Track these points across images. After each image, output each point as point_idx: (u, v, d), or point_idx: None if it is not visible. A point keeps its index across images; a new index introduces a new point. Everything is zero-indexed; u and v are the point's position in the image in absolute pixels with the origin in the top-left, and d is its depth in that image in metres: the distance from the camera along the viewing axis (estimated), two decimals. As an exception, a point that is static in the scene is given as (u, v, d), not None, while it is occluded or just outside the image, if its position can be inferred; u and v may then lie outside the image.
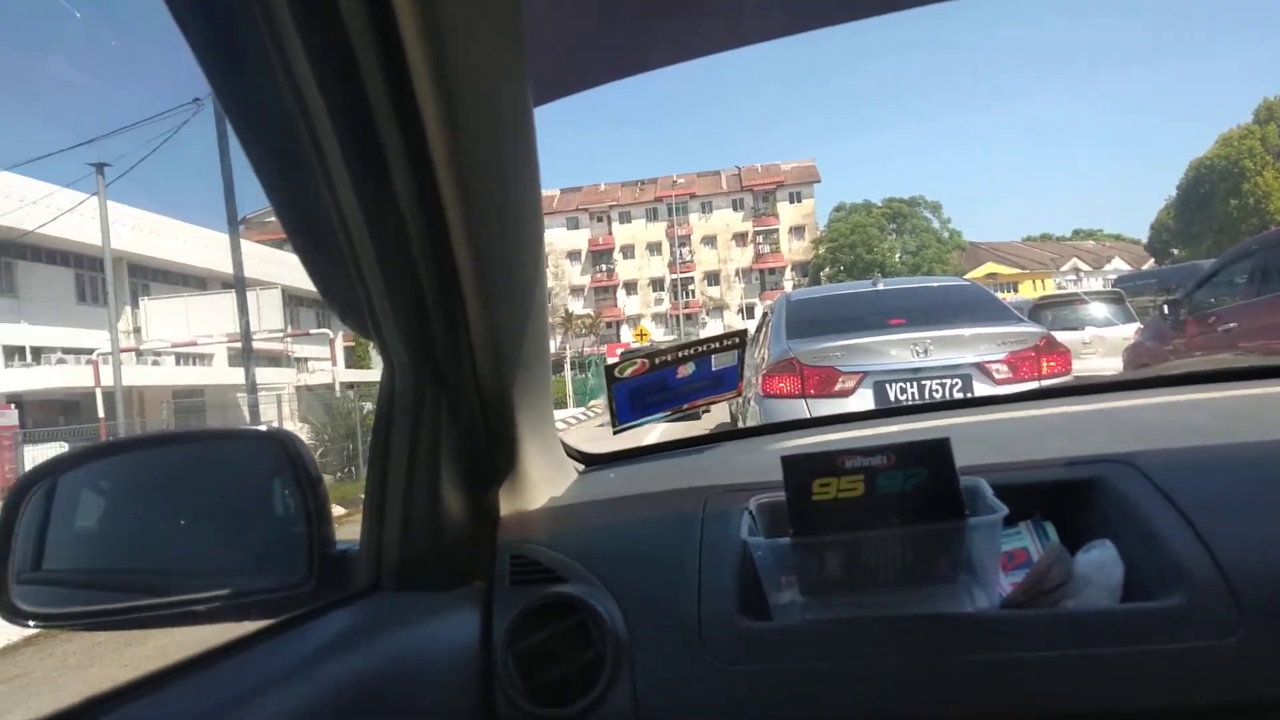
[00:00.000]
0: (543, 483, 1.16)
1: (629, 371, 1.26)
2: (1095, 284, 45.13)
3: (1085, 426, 1.23)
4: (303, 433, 13.59)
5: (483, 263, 0.86)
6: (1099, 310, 11.21)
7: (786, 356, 5.46)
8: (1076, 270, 55.49)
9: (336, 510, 1.11)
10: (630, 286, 62.57)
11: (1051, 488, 0.99)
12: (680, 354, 1.29)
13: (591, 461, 1.40)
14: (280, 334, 19.95)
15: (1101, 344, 10.28)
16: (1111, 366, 9.45)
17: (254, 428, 1.18)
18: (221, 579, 1.02)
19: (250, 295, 15.39)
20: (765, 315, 7.17)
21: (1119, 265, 55.88)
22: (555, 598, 0.95)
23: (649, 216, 62.33)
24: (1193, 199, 38.02)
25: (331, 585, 0.99)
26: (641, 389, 1.28)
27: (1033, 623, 0.83)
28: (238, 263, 13.93)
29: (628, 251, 62.53)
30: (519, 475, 1.10)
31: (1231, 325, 6.85)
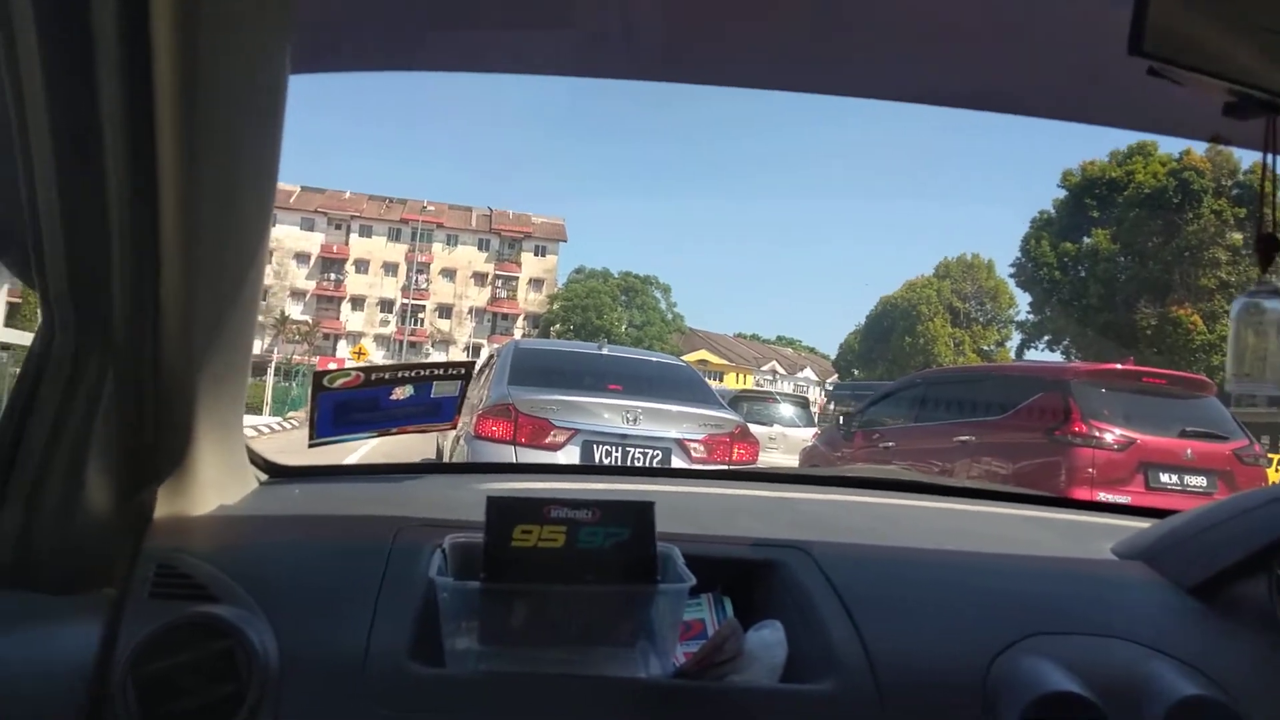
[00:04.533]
0: (213, 487, 1.03)
1: (340, 383, 1.17)
2: (787, 387, 49.86)
3: (771, 512, 1.31)
4: (-72, 390, 11.38)
5: (194, 224, 0.76)
6: (787, 411, 12.36)
7: (504, 401, 5.51)
8: (774, 371, 60.95)
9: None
10: (357, 302, 59.82)
11: (735, 564, 1.03)
12: (400, 375, 1.22)
13: (278, 473, 1.27)
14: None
15: (784, 441, 11.29)
16: (790, 462, 10.39)
17: None
18: None
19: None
20: (491, 357, 7.18)
21: (809, 374, 62.23)
22: (200, 618, 0.82)
23: (391, 236, 60.32)
24: (876, 330, 43.55)
25: None
26: (349, 404, 1.19)
27: (699, 695, 0.85)
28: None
29: (362, 266, 59.87)
30: (186, 474, 0.97)
31: (891, 444, 7.81)
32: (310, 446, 1.23)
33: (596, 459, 5.47)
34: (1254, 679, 0.94)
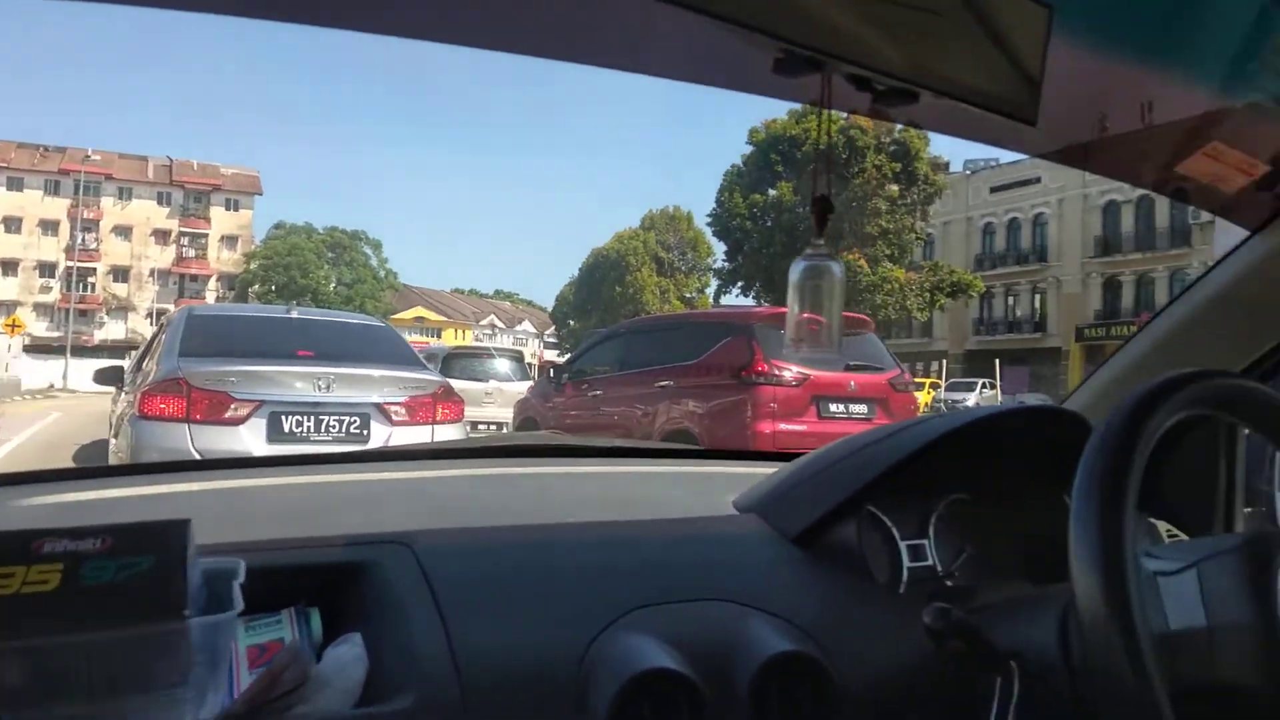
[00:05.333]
0: None
1: None
2: (507, 340, 49.92)
3: (392, 498, 1.20)
4: None
5: None
6: (503, 366, 12.34)
7: (173, 375, 5.04)
8: (493, 325, 60.69)
9: None
10: (9, 266, 51.21)
11: (326, 570, 0.91)
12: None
13: None
14: None
15: (500, 395, 11.27)
16: (505, 416, 10.41)
17: None
18: None
19: None
20: (160, 328, 6.49)
21: (527, 327, 62.77)
22: None
23: (49, 189, 51.95)
24: (589, 281, 44.46)
25: None
26: None
27: None
28: None
29: (12, 224, 51.10)
30: None
31: (598, 392, 8.02)
32: None
33: (286, 430, 5.13)
34: (842, 625, 0.96)
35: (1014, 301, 38.52)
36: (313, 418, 5.22)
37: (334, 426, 5.26)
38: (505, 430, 10.21)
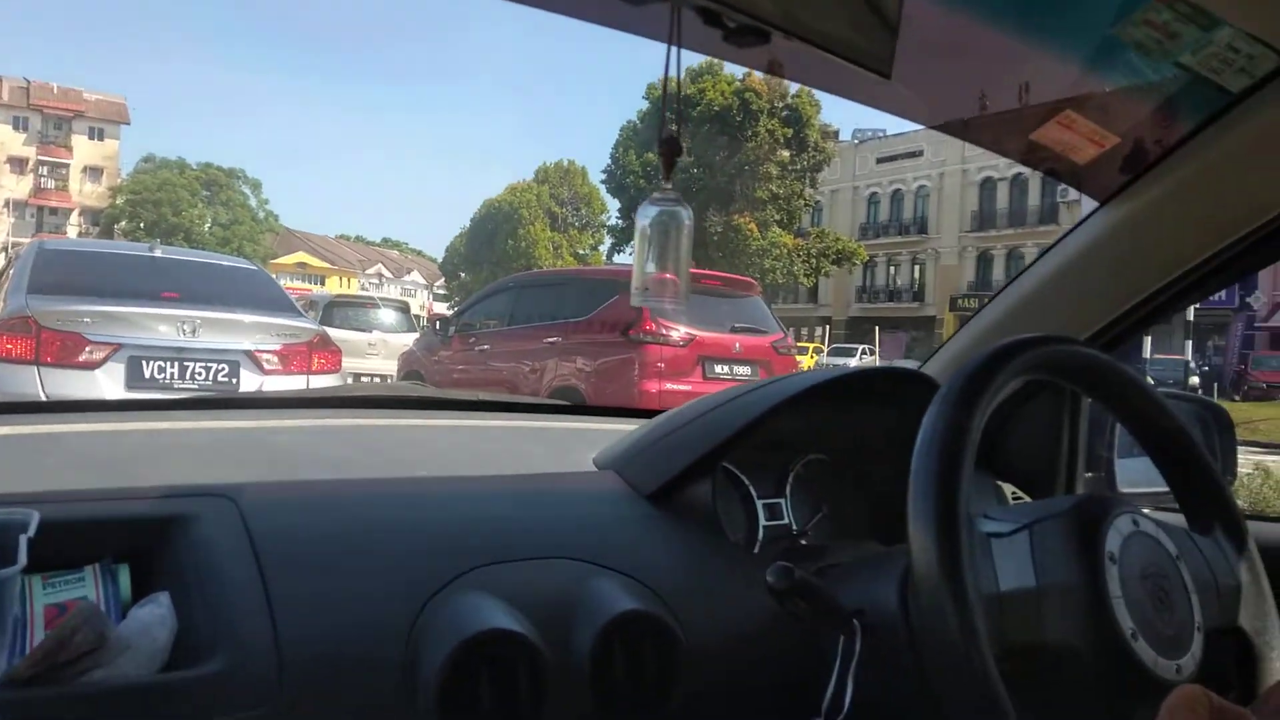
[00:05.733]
0: None
1: None
2: (395, 290, 48.54)
3: (224, 447, 1.11)
4: None
5: None
6: (388, 316, 11.99)
7: (21, 314, 4.72)
8: (381, 275, 58.84)
9: None
10: None
11: (139, 523, 0.83)
12: None
13: None
14: None
15: (385, 347, 10.97)
16: (389, 367, 10.15)
17: None
18: None
19: None
20: (8, 263, 6.03)
21: (416, 277, 61.15)
22: None
23: (-112, 113, 47.32)
24: (481, 233, 43.38)
25: None
26: None
27: (31, 705, 0.66)
28: None
29: None
30: None
31: (485, 346, 7.91)
32: None
33: (147, 376, 4.85)
34: (692, 583, 0.95)
35: (895, 271, 39.90)
36: (176, 364, 4.97)
37: (200, 374, 5.02)
38: (390, 383, 9.94)
